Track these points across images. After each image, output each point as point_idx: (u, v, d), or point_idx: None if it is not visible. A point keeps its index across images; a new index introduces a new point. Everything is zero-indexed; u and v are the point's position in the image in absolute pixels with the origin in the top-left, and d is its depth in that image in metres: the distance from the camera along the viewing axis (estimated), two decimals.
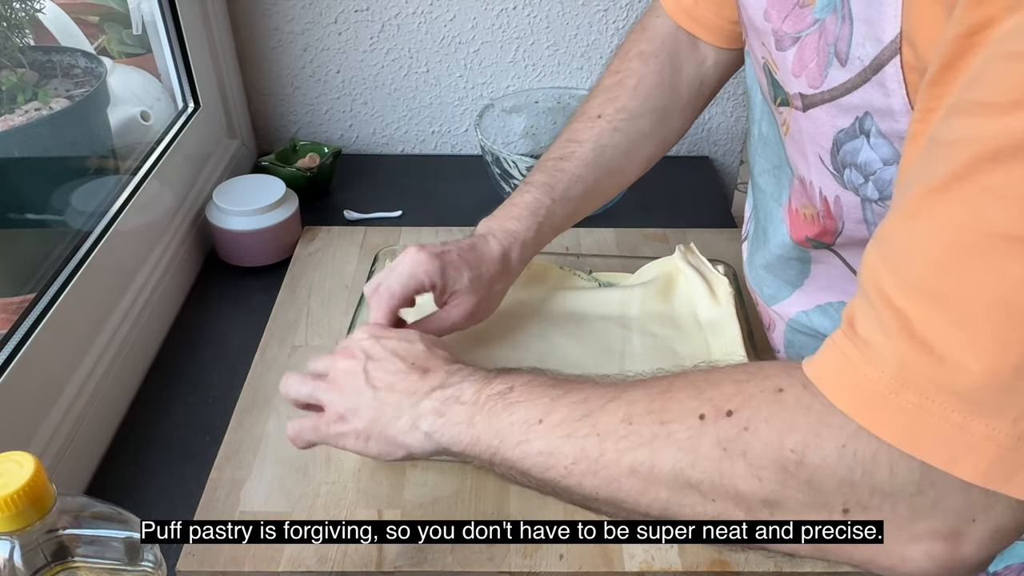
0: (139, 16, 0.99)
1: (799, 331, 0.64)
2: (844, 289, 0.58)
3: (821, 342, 0.61)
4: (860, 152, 0.46)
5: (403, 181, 1.12)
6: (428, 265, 0.64)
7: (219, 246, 0.94)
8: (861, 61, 0.43)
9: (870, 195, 0.48)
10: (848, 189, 0.49)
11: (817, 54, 0.47)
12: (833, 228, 0.53)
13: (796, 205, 0.57)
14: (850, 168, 0.48)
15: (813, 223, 0.55)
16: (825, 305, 0.61)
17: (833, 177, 0.50)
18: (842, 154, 0.48)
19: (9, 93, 0.81)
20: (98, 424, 0.72)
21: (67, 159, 0.88)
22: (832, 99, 0.47)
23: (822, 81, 0.47)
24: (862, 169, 0.47)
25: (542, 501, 0.65)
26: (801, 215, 0.56)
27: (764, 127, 0.60)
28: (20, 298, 0.70)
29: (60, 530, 0.43)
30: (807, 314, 0.63)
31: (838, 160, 0.49)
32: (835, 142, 0.48)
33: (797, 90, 0.50)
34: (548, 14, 1.08)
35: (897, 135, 0.43)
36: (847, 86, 0.45)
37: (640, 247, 0.95)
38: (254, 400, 0.74)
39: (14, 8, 0.83)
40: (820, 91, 0.48)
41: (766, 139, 0.60)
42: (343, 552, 0.61)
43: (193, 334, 0.85)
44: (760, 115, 0.61)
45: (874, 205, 0.49)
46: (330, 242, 0.95)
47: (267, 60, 1.12)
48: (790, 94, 0.51)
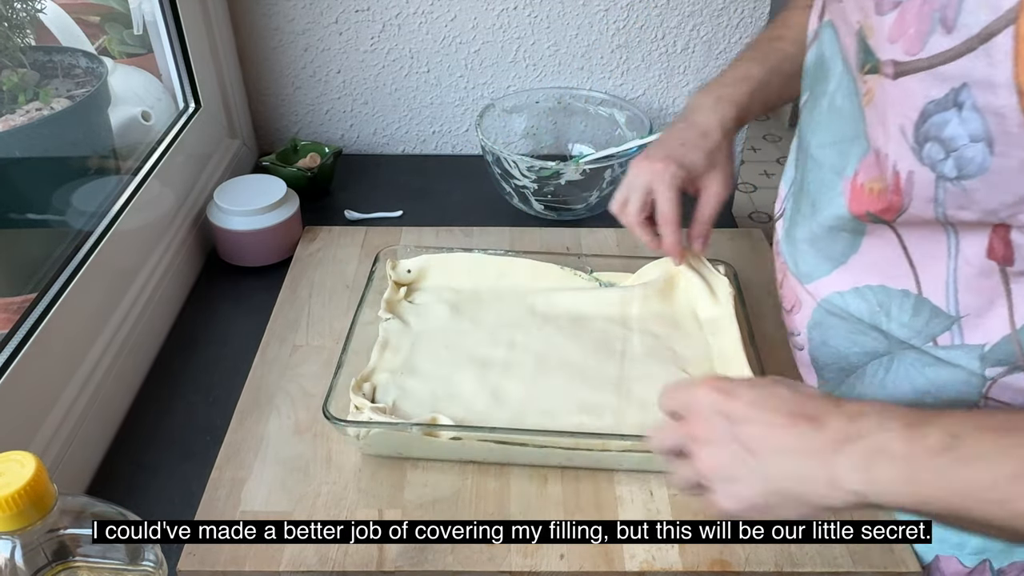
0: (140, 16, 0.99)
1: (830, 312, 0.63)
2: (889, 273, 0.57)
3: (850, 325, 0.59)
4: (947, 126, 0.45)
5: (404, 181, 1.12)
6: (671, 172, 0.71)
7: (220, 246, 0.94)
8: (969, 29, 0.42)
9: (947, 172, 0.47)
10: (925, 164, 0.48)
11: (918, 19, 0.46)
12: (899, 205, 0.52)
13: (863, 179, 0.55)
14: (932, 142, 0.47)
15: (879, 198, 0.54)
16: (864, 288, 0.60)
17: (911, 151, 0.49)
18: (927, 126, 0.47)
19: (10, 93, 0.81)
20: (99, 424, 0.72)
21: (68, 159, 0.88)
22: (929, 67, 0.45)
23: (920, 48, 0.46)
24: (945, 144, 0.46)
25: (542, 501, 0.65)
26: (866, 189, 0.55)
27: (839, 99, 0.59)
28: (21, 298, 0.70)
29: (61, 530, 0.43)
30: (842, 295, 0.62)
31: (921, 132, 0.48)
32: (923, 113, 0.47)
33: (890, 56, 0.49)
34: (549, 14, 1.09)
35: (992, 110, 0.43)
36: (949, 54, 0.44)
37: (640, 247, 0.95)
38: (255, 400, 0.74)
39: (15, 8, 0.83)
40: (916, 58, 0.46)
41: (838, 111, 0.59)
42: (343, 552, 0.61)
43: (194, 334, 0.85)
44: (836, 87, 0.59)
45: (948, 184, 0.48)
46: (331, 242, 0.95)
47: (268, 60, 1.12)
48: (881, 60, 0.50)
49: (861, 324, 0.61)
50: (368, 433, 0.65)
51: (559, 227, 0.99)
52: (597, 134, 1.11)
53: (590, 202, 0.99)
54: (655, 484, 0.67)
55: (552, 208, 1.00)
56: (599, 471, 0.68)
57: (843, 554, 0.61)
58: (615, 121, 1.08)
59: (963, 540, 0.62)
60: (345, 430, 0.65)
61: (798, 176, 0.68)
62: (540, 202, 0.99)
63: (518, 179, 0.97)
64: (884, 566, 0.61)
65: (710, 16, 1.09)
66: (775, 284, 0.73)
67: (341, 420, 0.65)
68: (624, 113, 1.07)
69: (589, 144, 1.11)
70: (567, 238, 0.97)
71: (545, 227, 0.99)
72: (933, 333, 0.56)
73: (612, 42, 1.11)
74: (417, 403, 0.70)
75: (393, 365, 0.74)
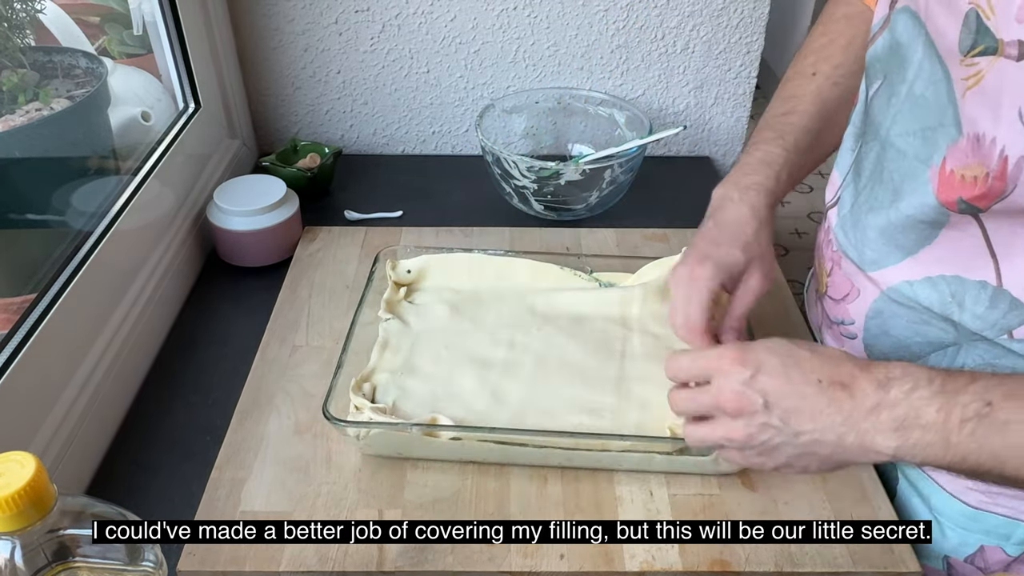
0: (140, 16, 0.99)
1: (896, 301, 0.63)
2: (965, 264, 0.57)
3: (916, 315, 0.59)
4: None
5: (403, 181, 1.12)
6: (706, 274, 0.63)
7: (220, 246, 0.94)
8: None
9: None
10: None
11: None
12: (1000, 191, 0.51)
13: (953, 166, 0.55)
14: None
15: (974, 185, 0.53)
16: (937, 278, 0.59)
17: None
18: None
19: (10, 93, 0.81)
20: (99, 424, 0.72)
21: (68, 159, 0.88)
22: None
23: None
24: None
25: (542, 501, 0.65)
26: (957, 176, 0.54)
27: (919, 86, 0.58)
28: (21, 298, 0.70)
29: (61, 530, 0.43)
30: (911, 284, 0.61)
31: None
32: None
33: (1017, 36, 0.48)
34: (548, 14, 1.09)
35: None
36: None
37: (640, 247, 0.95)
38: (255, 400, 0.74)
39: (15, 8, 0.83)
40: None
41: (918, 99, 0.58)
42: (343, 552, 0.61)
43: (194, 334, 0.85)
44: (914, 75, 0.58)
45: None
46: (331, 242, 0.95)
47: (268, 60, 1.12)
48: (1003, 41, 0.49)
49: (929, 314, 0.60)
50: (368, 433, 0.65)
51: (559, 227, 0.99)
52: (597, 134, 1.11)
53: (590, 202, 0.99)
54: (655, 484, 0.67)
55: (552, 208, 1.00)
56: (599, 471, 0.68)
57: (843, 554, 0.61)
58: (615, 121, 1.08)
59: (1010, 531, 0.62)
60: (345, 430, 0.65)
61: (867, 165, 0.66)
62: (540, 202, 0.99)
63: (518, 179, 0.97)
64: (884, 566, 0.61)
65: (710, 16, 1.09)
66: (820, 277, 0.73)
67: (341, 420, 0.65)
68: (624, 113, 1.07)
69: (589, 144, 1.11)
70: (567, 238, 0.97)
71: (545, 227, 0.99)
72: (1010, 325, 0.56)
73: (612, 42, 1.11)
74: (417, 403, 0.70)
75: (393, 365, 0.74)
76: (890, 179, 0.62)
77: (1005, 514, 0.62)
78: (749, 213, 0.67)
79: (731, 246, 0.65)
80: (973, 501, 0.63)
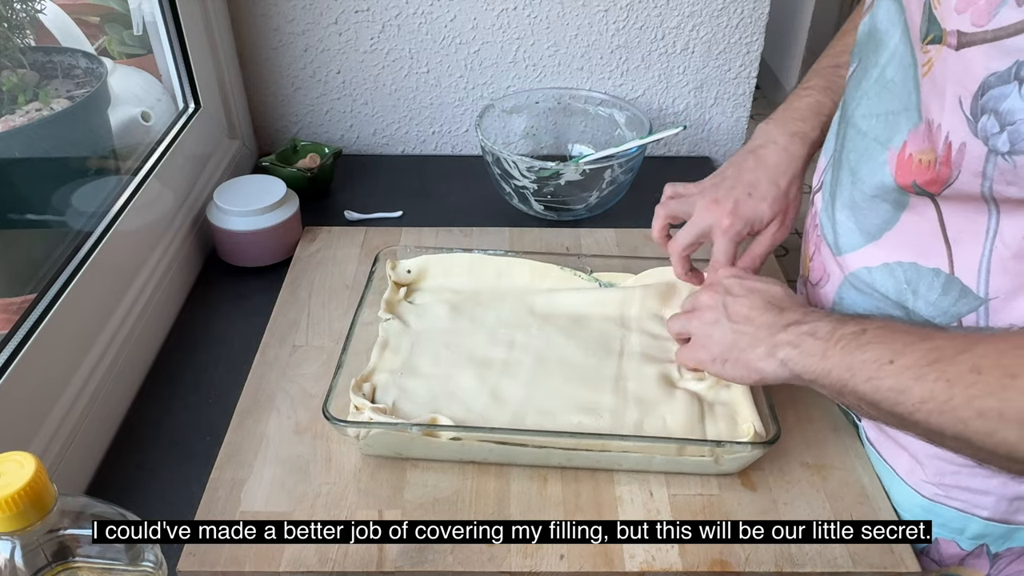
0: (140, 17, 0.99)
1: (855, 287, 0.65)
2: (922, 251, 0.58)
3: (873, 302, 0.62)
4: (1007, 99, 0.46)
5: (403, 181, 1.12)
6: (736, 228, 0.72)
7: (220, 246, 0.94)
8: None
9: (1000, 147, 0.48)
10: (978, 137, 0.49)
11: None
12: (947, 177, 0.53)
13: (912, 150, 0.56)
14: (989, 115, 0.48)
15: (927, 169, 0.54)
16: (894, 264, 0.61)
17: (966, 123, 0.50)
18: (986, 99, 0.48)
19: (10, 94, 0.81)
20: (99, 424, 0.72)
21: (68, 160, 0.88)
22: (995, 39, 0.46)
23: (989, 19, 0.46)
24: (1002, 117, 0.47)
25: (542, 501, 0.65)
26: (915, 160, 0.56)
27: (891, 70, 0.59)
28: (21, 298, 0.70)
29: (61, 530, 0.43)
30: (870, 271, 0.63)
31: (979, 105, 0.48)
32: (983, 85, 0.47)
33: (955, 27, 0.49)
34: (548, 15, 1.09)
35: None
36: (1017, 27, 0.44)
37: (640, 247, 0.95)
38: (255, 400, 0.74)
39: (15, 9, 0.83)
40: (983, 29, 0.47)
41: (887, 83, 0.59)
42: (343, 552, 0.61)
43: (194, 334, 0.85)
44: (888, 58, 0.59)
45: (1000, 159, 0.48)
46: (331, 242, 0.95)
47: (268, 61, 1.12)
48: (946, 31, 0.50)
49: (885, 301, 0.62)
50: (368, 433, 0.65)
51: (559, 227, 0.99)
52: (597, 134, 1.11)
53: (590, 202, 0.99)
54: (655, 484, 0.67)
55: (552, 208, 1.00)
56: (599, 471, 0.68)
57: (843, 554, 0.61)
58: (615, 121, 1.08)
59: (963, 526, 0.62)
60: (345, 430, 0.65)
61: (838, 147, 0.67)
62: (540, 202, 0.99)
63: (518, 179, 0.97)
64: (884, 566, 0.61)
65: (710, 16, 1.09)
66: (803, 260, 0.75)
67: (341, 420, 0.65)
68: (624, 113, 1.07)
69: (589, 144, 1.11)
70: (567, 238, 0.97)
71: (545, 227, 0.99)
72: (959, 313, 0.57)
73: (612, 42, 1.11)
74: (417, 403, 0.70)
75: (393, 365, 0.74)
76: (847, 160, 0.65)
77: (958, 507, 0.62)
78: (788, 162, 0.73)
79: (762, 199, 0.72)
80: (928, 493, 0.63)
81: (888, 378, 0.52)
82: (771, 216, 0.73)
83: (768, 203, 0.72)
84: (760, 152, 0.74)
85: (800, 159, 0.73)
